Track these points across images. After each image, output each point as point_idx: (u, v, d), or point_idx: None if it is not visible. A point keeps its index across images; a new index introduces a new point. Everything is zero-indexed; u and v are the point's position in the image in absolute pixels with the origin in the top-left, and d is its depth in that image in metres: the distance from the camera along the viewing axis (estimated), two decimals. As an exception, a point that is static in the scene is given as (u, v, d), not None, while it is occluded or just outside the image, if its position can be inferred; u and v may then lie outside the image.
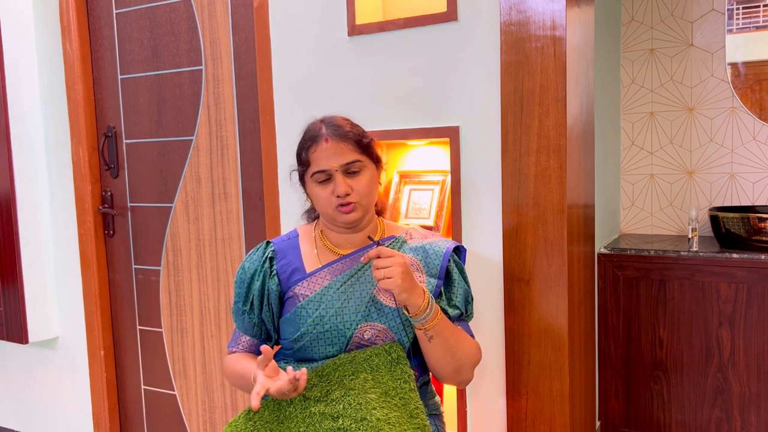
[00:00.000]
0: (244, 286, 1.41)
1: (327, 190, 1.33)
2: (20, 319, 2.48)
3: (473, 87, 1.68)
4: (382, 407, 1.25)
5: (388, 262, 1.24)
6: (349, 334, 1.33)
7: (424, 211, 1.93)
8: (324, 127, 1.35)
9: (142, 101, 2.36)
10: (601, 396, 2.15)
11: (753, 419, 1.95)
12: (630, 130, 2.48)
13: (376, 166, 1.39)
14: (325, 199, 1.34)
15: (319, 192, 1.34)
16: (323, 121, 1.37)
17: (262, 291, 1.39)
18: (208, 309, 2.28)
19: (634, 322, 2.09)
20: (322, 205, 1.36)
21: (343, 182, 1.32)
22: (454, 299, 1.40)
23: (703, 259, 1.98)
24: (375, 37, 1.80)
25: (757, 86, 2.27)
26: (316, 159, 1.33)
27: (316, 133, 1.35)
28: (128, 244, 2.47)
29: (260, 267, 1.40)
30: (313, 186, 1.36)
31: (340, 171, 1.32)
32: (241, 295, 1.41)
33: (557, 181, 1.57)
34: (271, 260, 1.41)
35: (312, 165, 1.34)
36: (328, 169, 1.32)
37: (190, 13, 2.21)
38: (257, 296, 1.39)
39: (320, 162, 1.33)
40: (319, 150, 1.33)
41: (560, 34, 1.54)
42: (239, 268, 1.44)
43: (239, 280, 1.42)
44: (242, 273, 1.42)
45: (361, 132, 1.38)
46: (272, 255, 1.41)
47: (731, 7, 2.28)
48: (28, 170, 2.50)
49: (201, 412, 2.34)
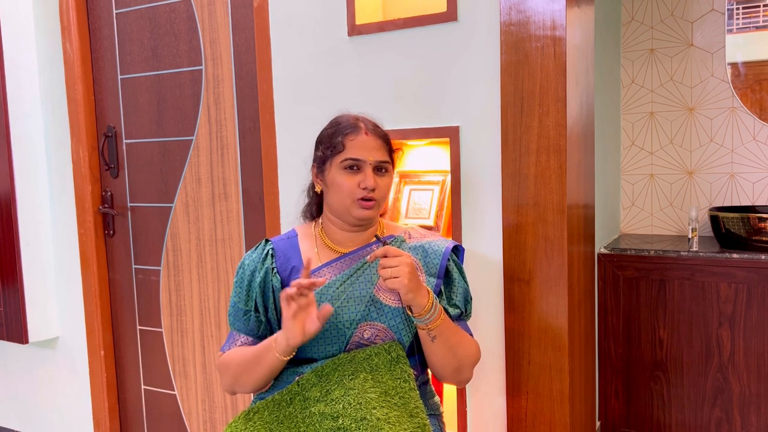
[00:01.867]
0: (244, 285, 1.40)
1: (353, 181, 1.33)
2: (20, 319, 2.48)
3: (473, 87, 1.68)
4: (382, 407, 1.25)
5: (395, 261, 1.24)
6: (348, 334, 1.33)
7: (424, 211, 1.93)
8: (362, 122, 1.37)
9: (142, 101, 2.36)
10: (601, 396, 2.15)
11: (753, 419, 1.94)
12: (630, 130, 2.48)
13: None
14: (349, 188, 1.33)
15: (344, 180, 1.34)
16: (359, 117, 1.39)
17: (263, 287, 1.38)
18: (208, 309, 2.28)
19: (634, 322, 2.09)
20: (343, 194, 1.34)
21: (373, 177, 1.33)
22: (454, 298, 1.40)
23: (703, 259, 1.98)
24: (375, 37, 1.80)
25: (757, 86, 2.27)
26: (354, 147, 1.34)
27: (356, 123, 1.37)
28: (128, 244, 2.47)
29: (261, 264, 1.40)
30: (339, 173, 1.35)
31: (372, 165, 1.34)
32: (241, 294, 1.40)
33: (557, 181, 1.57)
34: (272, 257, 1.40)
35: (347, 151, 1.34)
36: (364, 159, 1.33)
37: (190, 13, 2.21)
38: (258, 293, 1.38)
39: (357, 151, 1.33)
40: (358, 140, 1.34)
41: (560, 34, 1.54)
42: (238, 267, 1.42)
43: (239, 279, 1.41)
44: (242, 272, 1.41)
45: (390, 138, 1.42)
46: (272, 252, 1.41)
47: (731, 7, 2.28)
48: (28, 170, 2.50)
49: (201, 412, 2.34)
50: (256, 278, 1.39)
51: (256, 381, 1.34)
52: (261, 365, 1.31)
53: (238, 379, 1.36)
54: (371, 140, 1.35)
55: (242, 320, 1.41)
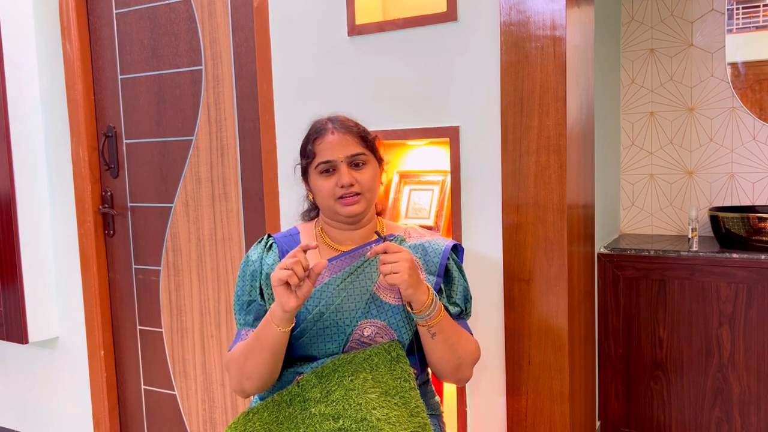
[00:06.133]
0: (247, 274, 1.39)
1: (330, 182, 1.34)
2: (20, 319, 2.48)
3: (473, 87, 1.68)
4: (382, 407, 1.25)
5: (395, 257, 1.25)
6: (348, 331, 1.33)
7: (424, 211, 1.93)
8: (330, 122, 1.38)
9: (142, 101, 2.36)
10: (601, 396, 2.15)
11: (753, 419, 1.94)
12: (630, 130, 2.48)
13: (379, 164, 1.42)
14: (327, 190, 1.34)
15: (322, 183, 1.35)
16: (329, 118, 1.40)
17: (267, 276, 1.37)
18: (208, 309, 2.28)
19: (634, 322, 2.09)
20: (324, 197, 1.36)
21: (348, 173, 1.33)
22: (454, 296, 1.40)
23: (703, 259, 1.98)
24: (375, 37, 1.80)
25: (757, 86, 2.27)
26: (322, 150, 1.35)
27: (323, 126, 1.37)
28: (128, 244, 2.47)
29: (265, 253, 1.40)
30: (317, 178, 1.36)
31: (345, 162, 1.34)
32: (245, 286, 1.39)
33: (557, 181, 1.57)
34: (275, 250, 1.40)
35: (317, 156, 1.35)
36: (334, 159, 1.34)
37: (190, 13, 2.21)
38: (263, 279, 1.37)
39: (325, 153, 1.34)
40: (324, 142, 1.35)
41: (560, 34, 1.54)
42: (243, 261, 1.42)
43: (242, 272, 1.41)
44: (245, 263, 1.41)
45: (365, 129, 1.41)
46: (274, 246, 1.42)
47: (731, 7, 2.28)
48: (28, 170, 2.50)
49: (201, 412, 2.34)
50: (259, 268, 1.39)
51: (260, 366, 1.29)
52: (262, 345, 1.27)
53: (244, 369, 1.31)
54: (338, 138, 1.35)
55: (247, 312, 1.39)
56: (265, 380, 1.32)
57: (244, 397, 1.39)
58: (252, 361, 1.29)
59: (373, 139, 1.41)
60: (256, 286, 1.38)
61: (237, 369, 1.33)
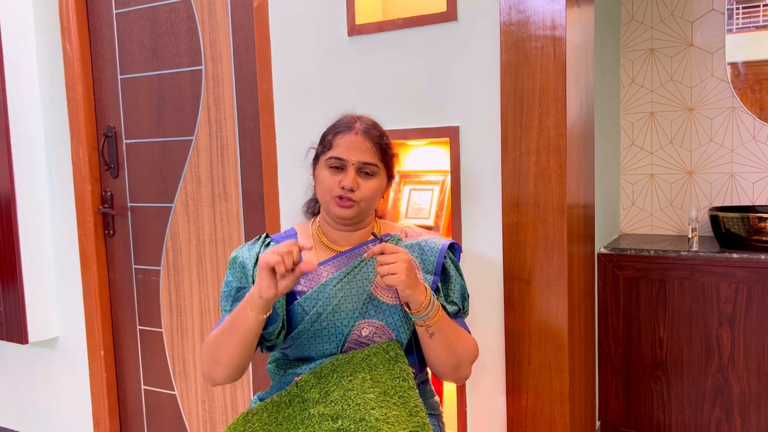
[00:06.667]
0: (237, 264, 1.37)
1: (334, 179, 1.34)
2: (20, 319, 2.48)
3: (473, 87, 1.68)
4: (381, 407, 1.25)
5: (393, 258, 1.24)
6: (346, 331, 1.33)
7: (424, 211, 1.93)
8: (358, 122, 1.37)
9: (142, 101, 2.36)
10: (601, 396, 2.15)
11: (753, 419, 1.94)
12: (630, 130, 2.48)
13: (388, 180, 1.41)
14: (329, 185, 1.34)
15: (327, 177, 1.35)
16: (359, 117, 1.39)
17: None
18: (208, 309, 2.28)
19: (634, 322, 2.09)
20: (323, 190, 1.35)
21: (354, 178, 1.33)
22: (451, 295, 1.40)
23: (703, 259, 1.98)
24: (375, 37, 1.80)
25: (757, 86, 2.27)
26: (339, 146, 1.34)
27: (350, 124, 1.36)
28: (128, 244, 2.47)
29: (261, 248, 1.39)
30: (324, 169, 1.36)
31: (355, 166, 1.33)
32: (235, 273, 1.38)
33: (557, 181, 1.57)
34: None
35: (332, 150, 1.35)
36: (346, 159, 1.33)
37: (190, 13, 2.21)
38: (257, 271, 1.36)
39: (341, 150, 1.34)
40: (346, 139, 1.34)
41: (560, 34, 1.54)
42: (233, 254, 1.40)
43: (232, 261, 1.39)
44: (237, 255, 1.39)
45: (388, 143, 1.40)
46: (272, 244, 1.41)
47: (731, 7, 2.28)
48: (28, 170, 2.50)
49: (201, 412, 2.34)
50: (254, 258, 1.37)
51: (230, 350, 1.26)
52: (234, 329, 1.25)
53: (214, 353, 1.29)
54: (360, 141, 1.34)
55: (235, 298, 1.37)
56: (233, 367, 1.30)
57: (213, 385, 1.36)
58: (224, 345, 1.28)
59: (391, 156, 1.40)
60: (248, 275, 1.37)
61: (208, 353, 1.32)
